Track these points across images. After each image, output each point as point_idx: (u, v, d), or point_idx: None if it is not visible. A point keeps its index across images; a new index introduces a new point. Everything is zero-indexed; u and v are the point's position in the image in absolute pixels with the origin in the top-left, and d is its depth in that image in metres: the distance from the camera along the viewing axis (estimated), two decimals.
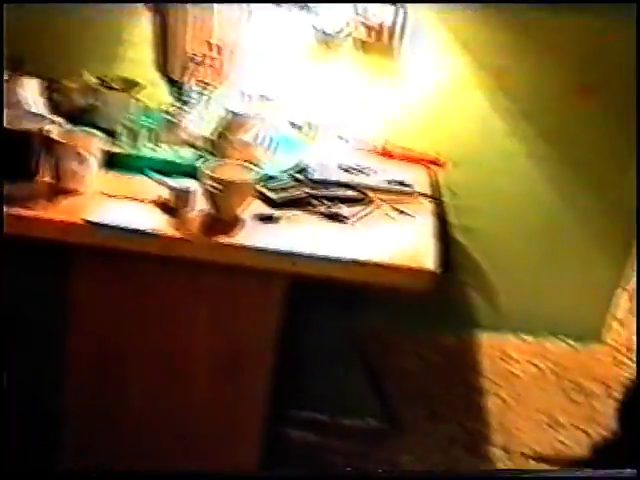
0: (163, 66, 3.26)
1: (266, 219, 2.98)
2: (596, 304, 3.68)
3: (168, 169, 3.11)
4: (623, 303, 3.64)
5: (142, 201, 2.98)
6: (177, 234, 2.85)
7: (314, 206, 3.10)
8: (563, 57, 3.49)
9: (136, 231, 2.85)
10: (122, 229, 2.85)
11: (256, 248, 2.85)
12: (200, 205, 2.94)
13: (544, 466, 3.39)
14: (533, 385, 3.56)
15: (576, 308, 3.69)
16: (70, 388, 3.25)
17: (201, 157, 3.10)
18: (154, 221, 2.89)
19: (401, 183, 3.33)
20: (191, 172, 3.03)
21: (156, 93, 3.32)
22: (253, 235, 2.89)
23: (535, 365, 3.61)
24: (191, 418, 3.25)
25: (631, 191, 3.55)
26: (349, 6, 3.38)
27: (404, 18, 3.39)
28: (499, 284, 3.70)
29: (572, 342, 3.65)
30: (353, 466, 3.53)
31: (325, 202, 3.13)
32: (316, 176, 3.23)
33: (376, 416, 3.72)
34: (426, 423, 3.50)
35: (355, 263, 2.89)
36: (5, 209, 2.86)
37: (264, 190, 3.07)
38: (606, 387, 3.52)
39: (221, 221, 2.91)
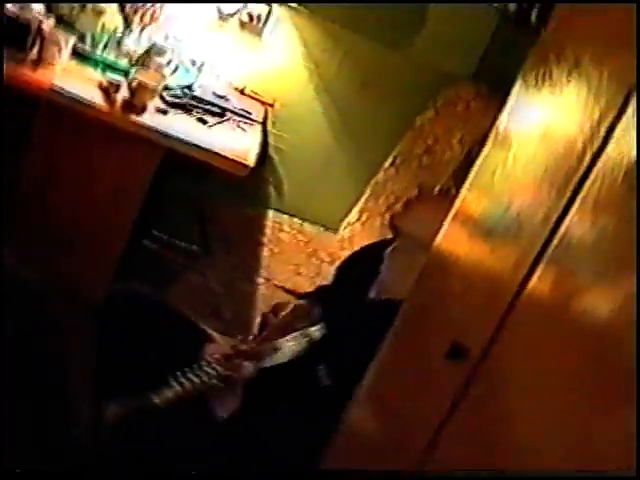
0: (122, 5, 3.26)
1: (161, 111, 3.11)
2: (339, 214, 3.73)
3: (110, 68, 3.19)
4: (351, 216, 3.71)
5: (90, 83, 3.07)
6: (105, 107, 3.00)
7: (191, 111, 3.23)
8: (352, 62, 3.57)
9: (81, 100, 2.96)
10: (72, 97, 2.96)
11: (150, 126, 3.01)
12: (124, 93, 3.06)
13: (291, 297, 3.43)
14: (292, 247, 3.61)
15: (328, 213, 3.75)
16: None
17: (132, 66, 3.18)
18: (95, 96, 3.01)
19: (246, 111, 3.43)
20: (124, 72, 3.16)
21: (114, 20, 3.26)
22: (151, 119, 3.03)
23: (295, 237, 3.68)
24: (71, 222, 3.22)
25: (374, 139, 3.65)
26: None
27: (269, 13, 3.41)
28: (287, 185, 3.72)
29: (321, 229, 3.74)
30: (178, 268, 3.57)
31: (198, 111, 3.25)
32: (196, 94, 3.32)
33: (198, 244, 3.72)
34: (224, 254, 3.51)
35: (204, 149, 3.07)
36: (5, 64, 2.86)
37: (164, 94, 3.18)
38: (332, 258, 3.60)
39: (134, 106, 3.03)
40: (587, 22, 1.46)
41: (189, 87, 3.33)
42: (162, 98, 3.19)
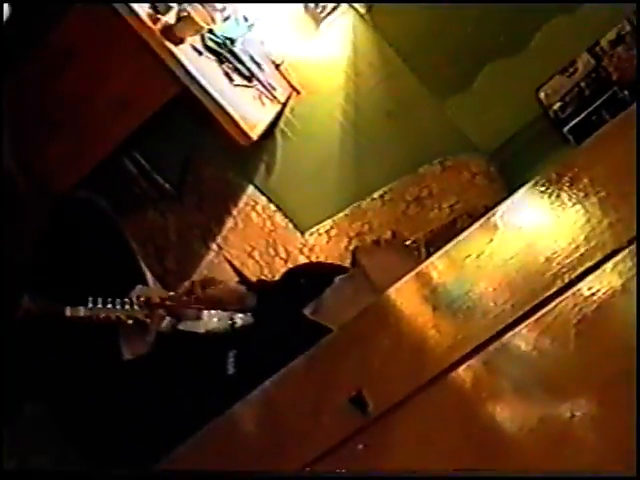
0: None
1: (196, 50, 3.11)
2: (312, 218, 3.74)
3: None
4: (322, 226, 3.70)
5: None
6: (147, 23, 2.97)
7: (222, 63, 3.23)
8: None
9: (129, 5, 2.95)
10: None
11: (179, 58, 2.98)
12: (170, 19, 3.03)
13: (234, 276, 3.46)
14: (256, 230, 3.60)
15: (302, 213, 3.75)
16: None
17: None
18: (143, 8, 2.98)
19: (273, 86, 3.44)
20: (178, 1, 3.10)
21: None
22: (183, 53, 3.01)
23: (264, 221, 3.65)
24: None
25: (375, 166, 3.67)
26: None
27: (335, 8, 3.44)
28: (278, 170, 3.70)
29: (290, 225, 3.71)
30: (145, 200, 3.55)
31: (229, 65, 3.25)
32: (235, 49, 3.31)
33: (173, 186, 3.71)
34: (192, 206, 3.49)
35: (218, 103, 3.03)
36: None
37: (206, 35, 3.17)
38: (287, 256, 3.57)
39: (174, 34, 3.00)
40: (607, 163, 1.50)
41: (232, 40, 3.33)
42: (202, 39, 3.18)
